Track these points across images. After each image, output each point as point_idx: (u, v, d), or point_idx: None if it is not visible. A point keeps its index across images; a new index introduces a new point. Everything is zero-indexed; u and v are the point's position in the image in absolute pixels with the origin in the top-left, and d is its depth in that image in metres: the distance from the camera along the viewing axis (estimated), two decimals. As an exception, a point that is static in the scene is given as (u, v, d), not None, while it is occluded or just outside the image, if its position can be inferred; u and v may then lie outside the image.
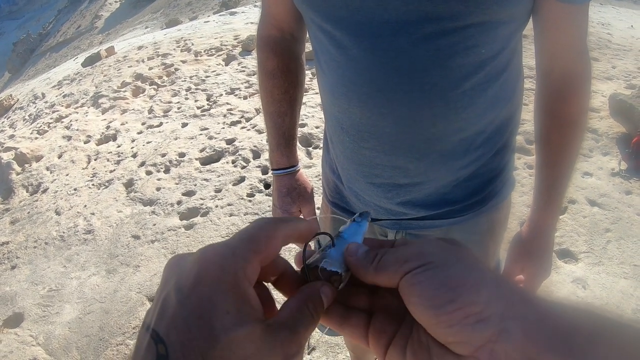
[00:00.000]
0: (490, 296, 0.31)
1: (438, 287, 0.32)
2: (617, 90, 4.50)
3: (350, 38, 0.83)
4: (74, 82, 7.24)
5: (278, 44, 1.10)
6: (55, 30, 26.27)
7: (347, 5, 0.81)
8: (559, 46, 0.89)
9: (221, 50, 6.61)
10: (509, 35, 0.85)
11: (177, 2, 18.66)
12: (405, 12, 0.77)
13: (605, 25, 7.63)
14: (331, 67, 0.90)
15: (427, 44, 0.79)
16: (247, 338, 0.31)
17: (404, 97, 0.83)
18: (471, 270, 0.33)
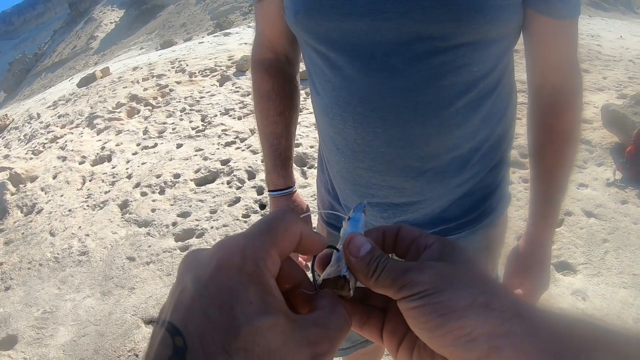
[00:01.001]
0: (478, 319, 0.32)
1: (429, 313, 0.33)
2: (609, 100, 4.54)
3: (345, 59, 0.84)
4: (69, 102, 7.26)
5: (272, 66, 1.10)
6: (50, 51, 26.42)
7: (341, 28, 0.81)
8: (550, 61, 0.90)
9: (215, 70, 6.64)
10: (501, 52, 0.85)
11: (172, 23, 18.82)
12: (397, 33, 0.78)
13: (594, 36, 7.73)
14: (326, 88, 0.90)
15: (420, 64, 0.79)
16: (272, 329, 0.29)
17: (398, 116, 0.83)
18: (462, 295, 0.33)
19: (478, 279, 0.35)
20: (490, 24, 0.77)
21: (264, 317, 0.29)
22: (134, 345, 2.48)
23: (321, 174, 1.17)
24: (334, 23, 0.81)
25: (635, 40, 7.87)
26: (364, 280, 0.38)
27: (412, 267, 0.36)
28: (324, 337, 0.33)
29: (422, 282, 0.34)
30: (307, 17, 0.85)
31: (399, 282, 0.35)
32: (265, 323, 0.29)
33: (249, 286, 0.30)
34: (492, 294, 0.34)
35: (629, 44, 7.45)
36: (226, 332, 0.27)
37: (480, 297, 0.33)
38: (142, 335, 2.53)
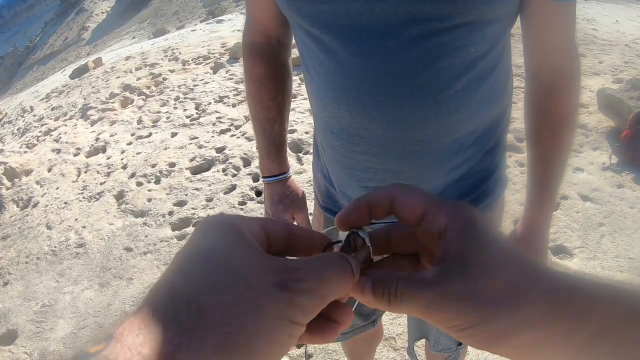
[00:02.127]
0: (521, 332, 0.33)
1: (473, 343, 0.34)
2: (605, 85, 4.54)
3: (338, 42, 0.82)
4: (62, 94, 7.20)
5: (264, 51, 1.08)
6: (42, 43, 26.18)
7: (334, 10, 0.79)
8: (547, 44, 0.89)
9: (209, 58, 6.60)
10: (498, 33, 0.84)
11: (164, 12, 18.65)
12: (393, 14, 0.76)
13: (590, 21, 7.70)
14: (319, 72, 0.88)
15: (416, 46, 0.78)
16: (232, 250, 0.31)
17: (394, 100, 0.82)
18: (504, 317, 0.33)
19: (511, 278, 0.34)
20: (487, 4, 0.75)
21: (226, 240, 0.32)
22: (133, 335, 2.48)
23: (317, 160, 1.16)
24: (327, 5, 0.80)
25: (631, 24, 7.85)
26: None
27: (442, 301, 0.33)
28: (304, 270, 0.32)
29: (454, 319, 0.33)
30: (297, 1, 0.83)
31: (430, 318, 0.34)
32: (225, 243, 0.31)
33: (218, 229, 0.33)
34: (526, 291, 0.33)
35: (624, 28, 7.42)
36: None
37: (512, 308, 0.33)
38: (141, 325, 2.53)
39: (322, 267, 0.33)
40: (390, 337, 2.22)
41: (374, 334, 1.53)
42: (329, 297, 0.32)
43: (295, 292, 0.30)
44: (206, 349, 0.26)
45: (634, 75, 4.60)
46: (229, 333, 0.27)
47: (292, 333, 0.30)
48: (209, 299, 0.28)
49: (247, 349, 0.27)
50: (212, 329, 0.26)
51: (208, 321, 0.27)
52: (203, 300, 0.28)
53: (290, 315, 0.29)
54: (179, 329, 0.26)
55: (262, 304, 0.29)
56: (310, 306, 0.31)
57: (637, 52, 5.92)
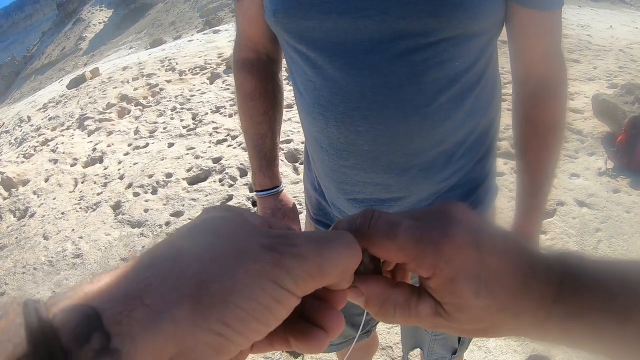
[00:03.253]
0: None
1: (461, 320, 0.36)
2: (600, 90, 4.55)
3: (325, 58, 0.83)
4: (59, 104, 7.21)
5: (254, 66, 1.09)
6: (39, 53, 26.23)
7: (321, 27, 0.81)
8: (534, 53, 0.89)
9: (205, 68, 6.61)
10: (483, 46, 0.85)
11: (161, 22, 18.72)
12: (378, 30, 0.77)
13: (584, 26, 7.75)
14: (307, 87, 0.89)
15: (401, 61, 0.79)
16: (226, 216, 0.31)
17: (380, 114, 0.83)
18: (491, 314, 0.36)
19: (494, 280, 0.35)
20: (472, 18, 0.76)
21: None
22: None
23: (308, 172, 1.16)
24: (314, 22, 0.81)
25: (625, 29, 7.90)
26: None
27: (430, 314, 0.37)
28: (301, 238, 0.31)
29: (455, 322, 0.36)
30: (287, 16, 0.84)
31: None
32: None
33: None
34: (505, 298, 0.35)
35: (618, 33, 7.47)
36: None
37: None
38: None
39: (321, 238, 0.32)
40: (387, 347, 2.22)
41: (370, 344, 1.53)
42: (328, 269, 0.30)
43: (284, 255, 0.29)
44: (176, 294, 0.25)
45: (628, 80, 4.62)
46: (202, 282, 0.26)
47: (278, 297, 0.28)
48: (188, 252, 0.27)
49: (220, 300, 0.26)
50: (186, 277, 0.26)
51: (183, 269, 0.26)
52: (182, 253, 0.27)
53: (275, 277, 0.28)
54: (152, 271, 0.26)
55: (244, 260, 0.28)
56: (301, 273, 0.29)
57: (632, 57, 5.95)
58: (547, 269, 0.35)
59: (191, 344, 0.25)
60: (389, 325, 2.31)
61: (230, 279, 0.27)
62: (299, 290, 0.29)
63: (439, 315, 0.36)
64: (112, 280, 0.25)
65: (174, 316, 0.24)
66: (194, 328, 0.25)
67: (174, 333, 0.24)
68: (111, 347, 0.22)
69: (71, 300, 0.24)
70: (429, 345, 1.23)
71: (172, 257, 0.27)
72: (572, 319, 0.33)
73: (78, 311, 0.23)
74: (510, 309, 0.34)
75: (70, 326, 0.22)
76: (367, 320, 1.31)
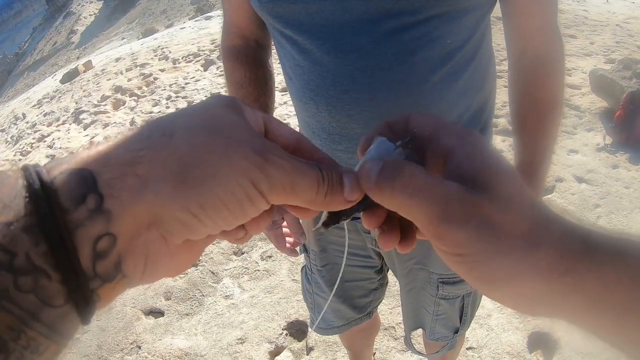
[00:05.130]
0: (523, 278, 0.30)
1: (473, 279, 0.31)
2: (597, 65, 4.53)
3: (312, 42, 0.81)
4: (53, 99, 7.18)
5: (243, 53, 1.06)
6: (31, 49, 26.05)
7: (306, 9, 0.79)
8: (529, 28, 0.88)
9: (199, 55, 6.57)
10: (475, 23, 0.83)
11: (152, 11, 18.57)
12: (365, 10, 0.75)
13: (580, 1, 7.69)
14: (297, 72, 0.88)
15: (390, 41, 0.77)
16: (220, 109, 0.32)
17: (371, 97, 0.81)
18: (508, 258, 0.30)
19: (526, 217, 0.30)
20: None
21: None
22: (136, 337, 2.49)
23: None
24: (299, 5, 0.79)
25: (621, 4, 7.84)
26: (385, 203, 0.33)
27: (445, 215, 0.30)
28: (287, 155, 0.32)
29: (463, 244, 0.30)
30: (271, 0, 0.82)
31: (434, 231, 0.30)
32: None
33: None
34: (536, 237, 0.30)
35: (615, 8, 7.42)
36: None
37: (524, 250, 0.30)
38: (143, 326, 2.54)
39: (303, 164, 0.33)
40: (390, 327, 2.23)
41: (371, 325, 1.53)
42: (296, 189, 0.32)
43: (269, 162, 0.30)
44: (163, 170, 0.27)
45: (625, 55, 4.60)
46: (187, 164, 0.28)
47: (251, 196, 0.30)
48: (184, 133, 0.29)
49: (201, 185, 0.28)
50: (177, 156, 0.28)
51: (176, 148, 0.28)
52: (179, 132, 0.29)
53: (254, 178, 0.30)
54: (149, 143, 0.28)
55: (231, 154, 0.29)
56: (277, 183, 0.31)
57: (629, 31, 5.92)
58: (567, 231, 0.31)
59: (167, 217, 0.28)
60: (392, 306, 2.32)
61: (215, 168, 0.28)
62: (271, 197, 0.31)
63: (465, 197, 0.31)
64: (112, 146, 0.27)
65: (158, 190, 0.27)
66: (173, 204, 0.27)
67: (154, 204, 0.27)
68: (104, 208, 0.25)
69: (70, 164, 0.26)
70: (430, 325, 1.24)
71: (170, 134, 0.29)
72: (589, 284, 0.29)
73: (76, 173, 0.25)
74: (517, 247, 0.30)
75: (68, 187, 0.25)
76: (368, 301, 1.32)
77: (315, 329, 1.35)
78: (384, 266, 1.27)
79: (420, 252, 1.10)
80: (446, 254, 0.31)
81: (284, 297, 2.48)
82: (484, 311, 2.25)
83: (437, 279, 1.12)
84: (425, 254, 1.09)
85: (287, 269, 2.67)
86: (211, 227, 0.30)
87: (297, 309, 2.36)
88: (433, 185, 0.30)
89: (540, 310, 0.31)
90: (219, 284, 2.69)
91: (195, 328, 2.43)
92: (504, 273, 0.30)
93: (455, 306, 1.18)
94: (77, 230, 0.24)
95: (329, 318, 1.30)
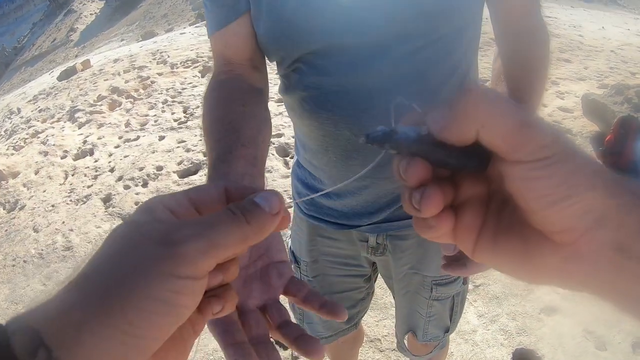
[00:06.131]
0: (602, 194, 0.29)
1: (557, 185, 0.29)
2: (590, 90, 4.60)
3: (331, 65, 0.84)
4: (49, 96, 7.16)
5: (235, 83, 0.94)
6: (30, 44, 25.95)
7: (323, 46, 0.82)
8: (513, 13, 0.91)
9: (197, 62, 6.59)
10: (472, 34, 0.89)
11: (153, 15, 18.59)
12: (382, 34, 0.80)
13: (576, 27, 7.79)
14: (312, 95, 0.90)
15: (406, 62, 0.82)
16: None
17: (388, 115, 0.84)
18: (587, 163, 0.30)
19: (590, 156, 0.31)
20: (464, 13, 0.81)
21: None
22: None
23: (297, 170, 1.17)
24: (317, 45, 0.82)
25: (617, 31, 7.96)
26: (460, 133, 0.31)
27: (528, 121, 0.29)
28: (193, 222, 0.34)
29: (547, 145, 0.29)
30: (290, 42, 0.84)
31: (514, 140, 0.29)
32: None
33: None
34: (606, 175, 0.30)
35: (610, 34, 7.53)
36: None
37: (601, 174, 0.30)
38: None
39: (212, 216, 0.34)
40: (376, 339, 2.24)
41: (356, 336, 1.56)
42: (220, 243, 0.33)
43: (176, 243, 0.31)
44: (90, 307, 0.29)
45: (618, 80, 4.67)
46: (106, 292, 0.30)
47: (176, 288, 0.31)
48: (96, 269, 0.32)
49: (120, 305, 0.29)
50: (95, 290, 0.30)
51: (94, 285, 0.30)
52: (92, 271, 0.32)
53: (171, 268, 0.31)
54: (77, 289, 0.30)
55: (142, 263, 0.31)
56: (194, 253, 0.31)
57: (623, 58, 6.01)
58: None
59: (113, 347, 0.29)
60: (378, 318, 2.34)
61: (131, 283, 0.30)
62: (199, 271, 0.32)
63: None
64: (51, 301, 0.30)
65: (91, 327, 0.28)
66: (107, 333, 0.29)
67: (95, 341, 0.28)
68: (53, 357, 0.27)
69: (21, 323, 0.29)
70: (423, 327, 1.28)
71: (88, 276, 0.31)
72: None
73: (25, 333, 0.28)
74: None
75: (22, 344, 0.27)
76: (356, 312, 1.34)
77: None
78: (372, 275, 1.32)
79: (415, 258, 1.15)
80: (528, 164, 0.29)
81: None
82: (469, 327, 2.26)
83: (430, 281, 1.18)
84: (419, 260, 1.15)
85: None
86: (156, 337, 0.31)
87: (284, 317, 2.36)
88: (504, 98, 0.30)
89: (603, 240, 0.29)
90: (206, 289, 2.69)
91: (181, 332, 2.42)
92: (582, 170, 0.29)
93: (446, 306, 1.25)
94: None
95: (317, 329, 1.32)
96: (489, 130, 0.29)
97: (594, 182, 0.29)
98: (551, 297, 2.45)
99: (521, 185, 0.30)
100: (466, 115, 0.30)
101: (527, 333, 2.23)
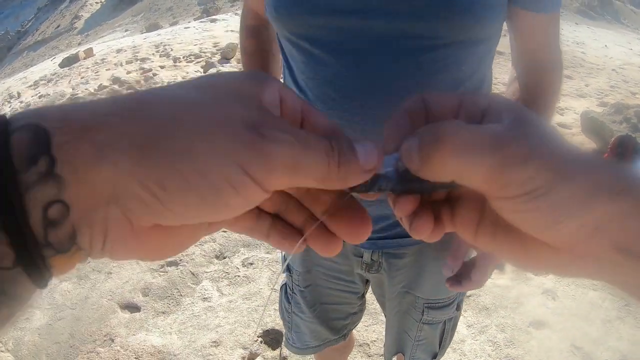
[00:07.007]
0: (602, 207, 0.27)
1: (547, 214, 0.27)
2: (590, 107, 4.63)
3: (330, 56, 0.83)
4: (50, 82, 7.14)
5: (256, 30, 1.12)
6: (33, 29, 25.85)
7: (326, 26, 0.81)
8: (532, 45, 0.92)
9: (200, 57, 6.59)
10: (486, 52, 0.87)
11: (158, 7, 18.57)
12: (386, 29, 0.78)
13: (580, 44, 7.84)
14: (309, 84, 0.89)
15: (409, 60, 0.80)
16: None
17: (386, 113, 0.83)
18: (579, 186, 0.28)
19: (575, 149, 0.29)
20: (480, 22, 0.78)
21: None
22: (110, 330, 2.47)
23: None
24: (319, 21, 0.81)
25: (619, 50, 8.01)
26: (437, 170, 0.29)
27: (505, 160, 0.27)
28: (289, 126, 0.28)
29: (529, 179, 0.27)
30: (289, 14, 0.83)
31: (498, 181, 0.27)
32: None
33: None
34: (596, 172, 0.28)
35: (613, 53, 7.58)
36: None
37: (597, 182, 0.28)
38: (118, 320, 2.52)
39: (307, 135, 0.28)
40: (365, 344, 2.25)
41: (345, 345, 1.55)
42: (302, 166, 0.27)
43: (266, 138, 0.26)
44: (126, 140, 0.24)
45: (618, 99, 4.71)
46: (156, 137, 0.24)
47: (236, 183, 0.25)
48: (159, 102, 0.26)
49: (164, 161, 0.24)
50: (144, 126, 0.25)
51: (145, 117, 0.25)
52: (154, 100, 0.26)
53: (243, 161, 0.25)
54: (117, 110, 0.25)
55: (214, 130, 0.25)
56: (277, 163, 0.26)
57: (624, 77, 6.05)
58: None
59: (126, 193, 0.24)
60: (368, 323, 2.34)
61: (190, 143, 0.25)
62: (269, 181, 0.26)
63: (518, 134, 0.29)
64: (79, 105, 0.25)
65: (116, 161, 0.24)
66: (132, 180, 0.24)
67: (112, 177, 0.24)
68: (55, 173, 0.23)
69: (30, 119, 0.23)
70: (411, 350, 1.25)
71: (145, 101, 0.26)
72: None
73: (31, 130, 0.23)
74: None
75: (22, 145, 0.22)
76: (346, 324, 1.33)
77: (291, 348, 1.37)
78: (365, 292, 1.29)
79: (409, 276, 1.11)
80: (512, 200, 0.28)
81: (262, 305, 2.49)
82: (458, 336, 2.27)
83: (422, 303, 1.14)
84: (413, 279, 1.11)
85: (267, 278, 2.69)
86: (180, 214, 0.26)
87: (274, 317, 2.37)
88: (479, 135, 0.28)
89: (603, 243, 0.28)
90: (198, 285, 2.69)
91: (171, 327, 2.42)
92: (570, 198, 0.27)
93: (436, 331, 1.20)
94: (27, 193, 0.22)
95: (305, 338, 1.31)
96: (465, 180, 0.29)
97: (589, 204, 0.27)
98: (541, 310, 2.47)
99: (511, 216, 0.29)
100: (439, 169, 0.28)
101: (515, 345, 2.24)
